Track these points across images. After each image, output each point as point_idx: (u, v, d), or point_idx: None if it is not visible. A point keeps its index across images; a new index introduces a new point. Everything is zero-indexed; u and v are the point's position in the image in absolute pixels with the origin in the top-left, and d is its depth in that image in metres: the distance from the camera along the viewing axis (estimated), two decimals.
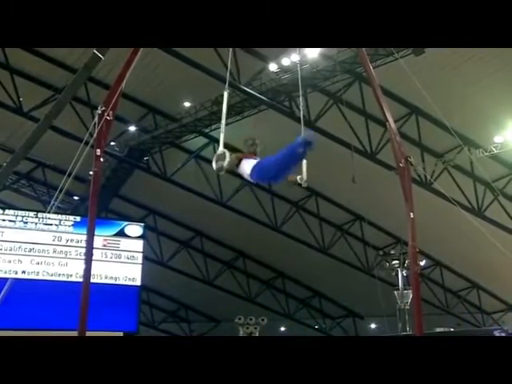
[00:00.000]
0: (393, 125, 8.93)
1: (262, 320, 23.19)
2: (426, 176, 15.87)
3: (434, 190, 16.18)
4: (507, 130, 16.21)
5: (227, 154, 5.77)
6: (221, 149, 5.94)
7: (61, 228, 15.75)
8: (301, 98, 9.32)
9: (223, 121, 6.28)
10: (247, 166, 5.73)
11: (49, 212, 11.68)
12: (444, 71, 14.53)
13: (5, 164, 7.87)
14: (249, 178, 5.81)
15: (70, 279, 15.26)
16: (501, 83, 14.68)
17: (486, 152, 16.56)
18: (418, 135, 16.85)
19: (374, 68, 9.49)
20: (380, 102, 8.93)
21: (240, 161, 5.80)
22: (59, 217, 15.91)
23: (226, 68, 15.05)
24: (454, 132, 10.48)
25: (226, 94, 6.57)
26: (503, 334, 18.47)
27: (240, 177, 5.99)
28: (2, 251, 15.09)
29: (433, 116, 15.36)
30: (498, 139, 16.53)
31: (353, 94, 16.12)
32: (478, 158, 16.26)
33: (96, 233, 7.83)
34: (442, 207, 15.27)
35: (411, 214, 8.32)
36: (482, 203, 18.07)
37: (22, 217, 15.51)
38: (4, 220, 15.34)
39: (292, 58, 15.29)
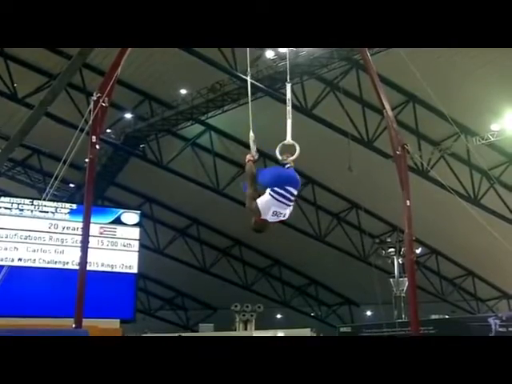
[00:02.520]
0: (390, 112, 8.93)
1: (259, 307, 23.31)
2: (422, 164, 15.88)
3: (430, 178, 16.21)
4: (504, 117, 16.20)
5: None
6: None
7: (57, 215, 15.72)
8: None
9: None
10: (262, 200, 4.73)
11: (44, 199, 11.64)
12: (440, 60, 14.49)
13: None
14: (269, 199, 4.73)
15: (66, 267, 15.27)
16: (496, 73, 14.66)
17: (483, 140, 16.56)
18: (414, 123, 16.83)
19: (371, 55, 9.44)
20: (377, 90, 8.92)
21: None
22: (55, 204, 15.88)
23: (224, 56, 15.09)
24: (450, 120, 10.46)
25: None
26: (497, 321, 18.65)
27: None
28: None
29: (430, 104, 15.34)
30: (494, 127, 16.52)
31: (350, 82, 16.07)
32: (474, 146, 16.26)
33: (92, 220, 7.82)
34: (439, 195, 15.32)
35: (407, 201, 8.35)
36: (479, 191, 18.11)
37: (18, 204, 15.47)
38: (0, 207, 15.29)
39: None
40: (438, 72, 14.41)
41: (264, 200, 4.71)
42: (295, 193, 4.85)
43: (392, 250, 22.03)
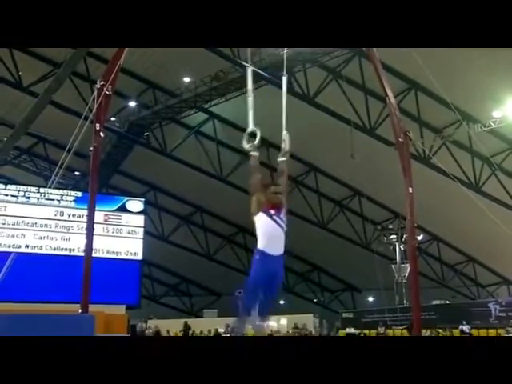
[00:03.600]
0: (392, 100, 8.89)
1: None
2: (424, 151, 15.82)
3: (432, 166, 16.15)
4: (506, 104, 16.09)
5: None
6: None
7: (63, 203, 15.76)
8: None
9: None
10: (259, 225, 4.53)
11: (50, 187, 11.66)
12: (442, 48, 14.38)
13: (5, 139, 7.83)
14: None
15: (72, 253, 15.33)
16: (498, 61, 14.51)
17: (485, 127, 16.46)
18: (417, 110, 16.74)
19: None
20: (380, 77, 8.87)
21: (259, 209, 4.48)
22: (61, 192, 15.92)
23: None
24: (453, 107, 10.40)
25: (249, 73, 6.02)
26: (497, 306, 18.73)
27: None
28: (5, 226, 15.13)
29: (432, 91, 15.23)
30: (496, 114, 16.41)
31: (352, 69, 15.96)
32: (476, 133, 16.16)
33: (97, 208, 7.84)
34: (440, 182, 15.28)
35: (410, 188, 8.34)
36: (480, 178, 18.06)
37: (24, 192, 15.51)
38: (6, 195, 15.35)
39: None
40: (440, 60, 14.27)
41: (258, 222, 4.56)
42: None
43: (394, 236, 22.08)
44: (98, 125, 7.03)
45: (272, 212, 4.48)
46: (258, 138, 4.95)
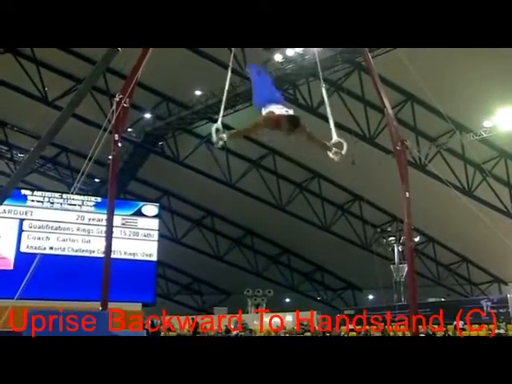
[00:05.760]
0: (390, 110, 8.89)
1: (269, 292, 23.39)
2: (420, 158, 15.76)
3: (427, 172, 16.09)
4: (495, 115, 16.06)
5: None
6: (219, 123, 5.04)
7: (83, 208, 15.82)
8: None
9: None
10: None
11: (72, 193, 11.71)
12: (438, 61, 14.34)
13: (32, 149, 7.85)
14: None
15: (92, 255, 15.37)
16: (488, 74, 14.47)
17: (476, 136, 16.43)
18: (413, 120, 16.71)
19: (372, 58, 9.36)
20: (378, 90, 8.87)
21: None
22: (82, 198, 15.99)
23: (236, 59, 15.03)
24: (446, 117, 10.37)
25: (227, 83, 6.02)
26: (489, 303, 18.59)
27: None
28: (32, 229, 15.22)
29: (427, 102, 15.20)
30: (487, 124, 16.39)
31: (353, 82, 15.98)
32: (468, 142, 16.15)
33: (115, 212, 7.87)
34: (435, 187, 15.21)
35: (407, 193, 8.32)
36: (472, 183, 17.98)
37: (49, 198, 15.59)
38: (33, 201, 15.43)
39: (296, 49, 15.14)
40: (435, 73, 14.26)
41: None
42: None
43: (392, 238, 22.00)
44: (116, 135, 7.08)
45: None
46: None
